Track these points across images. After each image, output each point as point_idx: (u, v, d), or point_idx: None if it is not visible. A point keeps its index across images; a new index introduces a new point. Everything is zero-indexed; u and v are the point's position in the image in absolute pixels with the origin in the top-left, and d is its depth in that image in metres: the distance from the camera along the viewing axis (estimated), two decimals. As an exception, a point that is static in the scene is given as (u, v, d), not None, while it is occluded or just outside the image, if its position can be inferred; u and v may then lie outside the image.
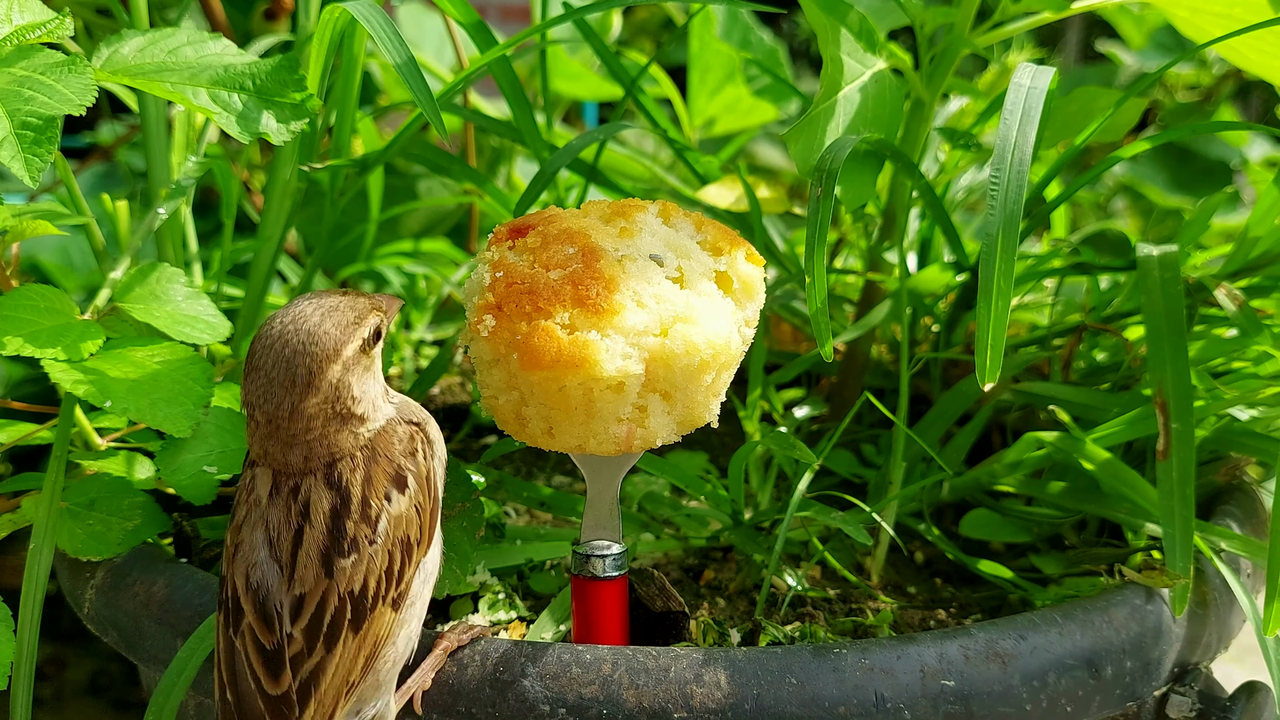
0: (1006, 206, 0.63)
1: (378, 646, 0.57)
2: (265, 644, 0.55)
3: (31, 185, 0.63)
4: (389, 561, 0.56)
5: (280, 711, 0.55)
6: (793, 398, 0.98)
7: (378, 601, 0.56)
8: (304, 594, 0.55)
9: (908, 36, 0.92)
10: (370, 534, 0.56)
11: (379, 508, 0.56)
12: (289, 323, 0.56)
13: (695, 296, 0.61)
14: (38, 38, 0.71)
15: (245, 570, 0.57)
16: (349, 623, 0.55)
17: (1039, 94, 0.67)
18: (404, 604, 0.58)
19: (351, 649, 0.56)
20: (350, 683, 0.56)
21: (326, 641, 0.55)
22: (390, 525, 0.57)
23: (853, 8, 0.80)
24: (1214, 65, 1.93)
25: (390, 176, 1.30)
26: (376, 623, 0.56)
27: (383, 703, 0.59)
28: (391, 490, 0.57)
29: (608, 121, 1.15)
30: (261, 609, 0.56)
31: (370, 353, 0.58)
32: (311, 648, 0.55)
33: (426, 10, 1.56)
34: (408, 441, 0.59)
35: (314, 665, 0.55)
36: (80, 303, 0.76)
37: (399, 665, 0.59)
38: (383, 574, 0.56)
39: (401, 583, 0.57)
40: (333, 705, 0.55)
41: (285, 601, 0.55)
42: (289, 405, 0.56)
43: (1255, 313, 0.80)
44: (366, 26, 0.74)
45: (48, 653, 1.28)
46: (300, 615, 0.55)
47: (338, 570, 0.55)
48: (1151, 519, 0.76)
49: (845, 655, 0.62)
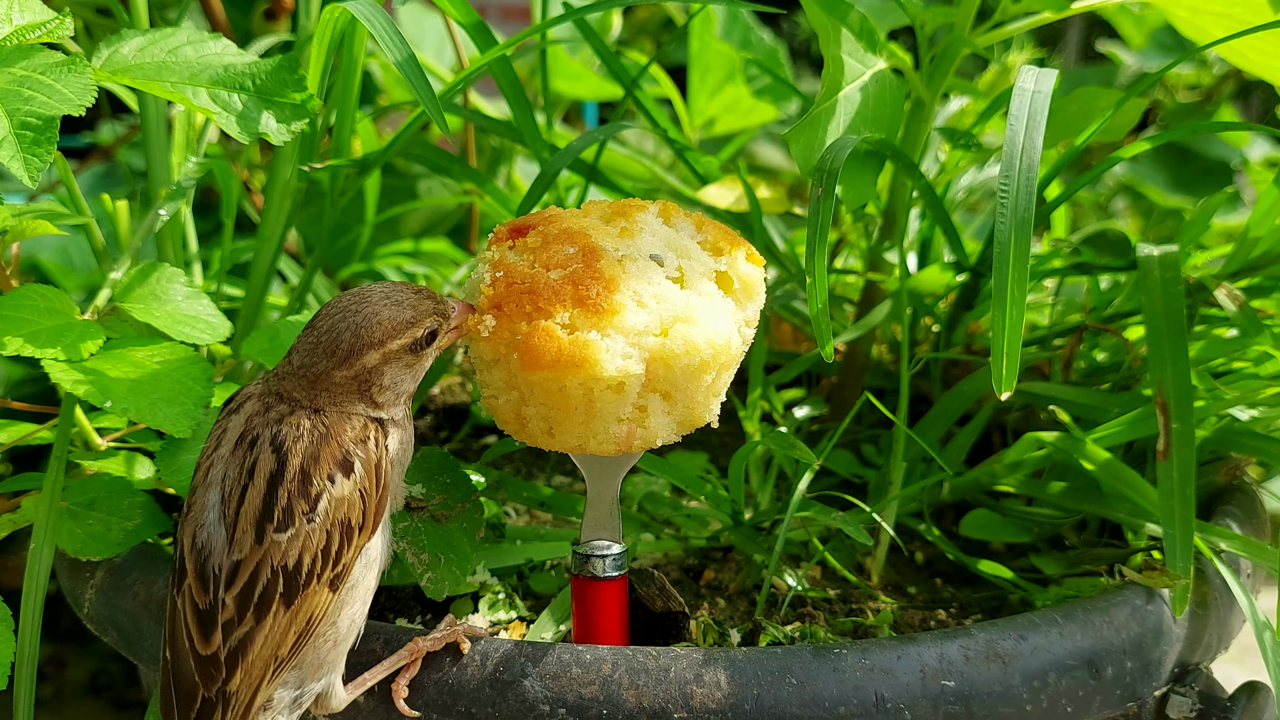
0: (1017, 213, 0.63)
1: (311, 624, 0.58)
2: (200, 604, 0.57)
3: (31, 185, 0.63)
4: (327, 541, 0.57)
5: (209, 672, 0.56)
6: (793, 398, 0.98)
7: (312, 579, 0.57)
8: (240, 560, 0.57)
9: (908, 36, 0.92)
10: (309, 511, 0.57)
11: (321, 487, 0.58)
12: (356, 300, 0.60)
13: (695, 296, 0.61)
14: (37, 37, 0.71)
15: (193, 530, 0.58)
16: (280, 596, 0.56)
17: (1043, 98, 0.67)
18: (343, 585, 0.59)
19: (282, 623, 0.57)
20: (279, 657, 0.57)
21: (257, 612, 0.56)
22: (331, 506, 0.58)
23: (853, 8, 0.80)
24: (1214, 65, 1.93)
25: (391, 176, 1.30)
26: (310, 600, 0.57)
27: (325, 682, 0.60)
28: (336, 472, 0.58)
29: (608, 121, 1.15)
30: (201, 570, 0.57)
31: (420, 354, 0.61)
32: (242, 616, 0.56)
33: (426, 10, 1.56)
34: (360, 429, 0.60)
35: (243, 634, 0.56)
36: (80, 303, 0.76)
37: (342, 646, 0.60)
38: (319, 553, 0.57)
39: (339, 564, 0.58)
40: (259, 677, 0.57)
41: (224, 565, 0.57)
42: (322, 368, 0.60)
43: (1255, 313, 0.80)
44: (367, 26, 0.74)
45: (48, 653, 1.28)
46: (234, 582, 0.57)
47: (271, 540, 0.56)
48: (1152, 519, 0.76)
49: (845, 655, 0.62)
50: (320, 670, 0.60)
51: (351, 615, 0.60)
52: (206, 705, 0.56)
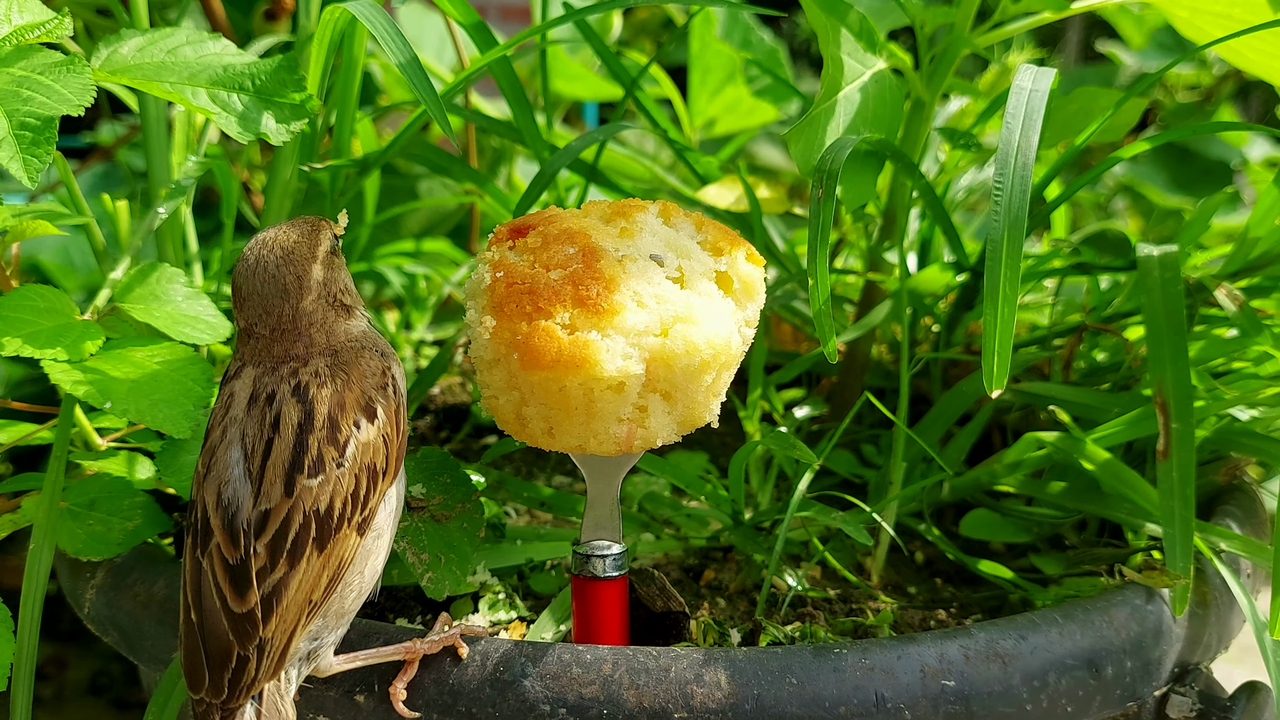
0: (1011, 212, 0.63)
1: (341, 568, 0.58)
2: (230, 559, 0.57)
3: (30, 186, 0.63)
4: (355, 485, 0.58)
5: (244, 630, 0.56)
6: (793, 398, 0.98)
7: (343, 523, 0.58)
8: (269, 510, 0.57)
9: (908, 36, 0.92)
10: (338, 457, 0.58)
11: (348, 433, 0.59)
12: (260, 250, 0.62)
13: (695, 296, 0.61)
14: (37, 38, 0.71)
15: (217, 488, 0.58)
16: (313, 541, 0.57)
17: (1040, 97, 0.67)
18: (369, 531, 0.60)
19: (316, 566, 0.57)
20: (313, 601, 0.57)
21: (290, 557, 0.57)
22: (358, 451, 0.59)
23: (853, 8, 0.80)
24: (1214, 65, 1.93)
25: (391, 176, 1.30)
26: (341, 544, 0.58)
27: (337, 635, 0.61)
28: (361, 419, 0.59)
29: (608, 122, 1.15)
30: (229, 526, 0.57)
31: (338, 255, 0.64)
32: (275, 563, 0.57)
33: (427, 10, 1.56)
34: (380, 376, 0.62)
35: (277, 580, 0.56)
36: (80, 303, 0.76)
37: (362, 598, 0.61)
38: (349, 497, 0.58)
39: (366, 508, 0.59)
40: (294, 622, 0.57)
41: (252, 518, 0.57)
42: (290, 310, 0.61)
43: (1255, 313, 0.80)
44: (368, 26, 0.74)
45: (48, 653, 1.28)
46: (265, 531, 0.57)
47: (303, 487, 0.57)
48: (1152, 519, 0.76)
49: (845, 655, 0.62)
50: (341, 621, 0.60)
51: (375, 566, 0.61)
52: (241, 661, 0.56)
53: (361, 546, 0.59)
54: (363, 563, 0.60)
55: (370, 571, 0.61)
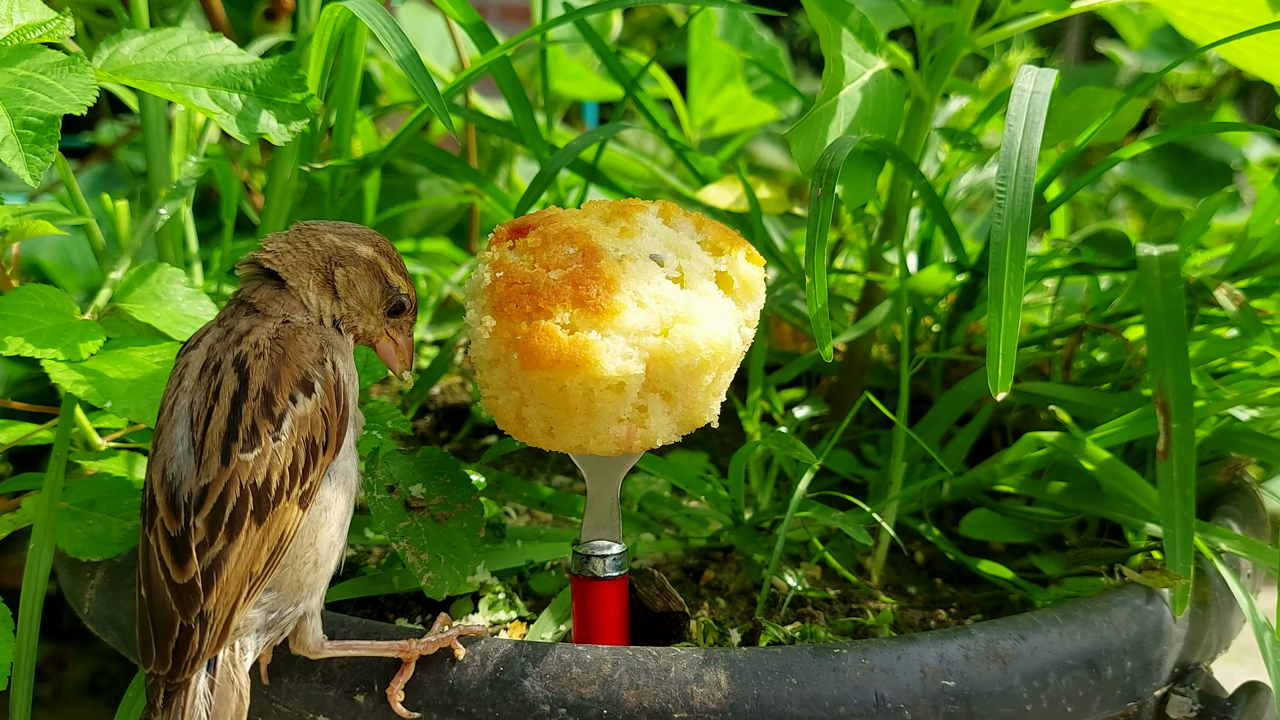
0: (1014, 214, 0.63)
1: (284, 541, 0.59)
2: (171, 531, 0.57)
3: (32, 185, 0.63)
4: (294, 459, 0.59)
5: (187, 600, 0.57)
6: (793, 398, 0.99)
7: (282, 496, 0.58)
8: (208, 484, 0.57)
9: (908, 36, 0.92)
10: (274, 430, 0.58)
11: (284, 406, 0.59)
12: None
13: (695, 296, 0.61)
14: (38, 37, 0.71)
15: (162, 465, 0.59)
16: (252, 514, 0.57)
17: (1042, 99, 0.67)
18: (312, 503, 0.60)
19: (255, 539, 0.57)
20: (254, 574, 0.58)
21: (229, 530, 0.57)
22: (295, 425, 0.59)
23: (853, 8, 0.80)
24: (1214, 65, 1.93)
25: (391, 176, 1.30)
26: (281, 517, 0.58)
27: (303, 607, 0.61)
28: (298, 393, 0.60)
29: (608, 121, 1.15)
30: (172, 501, 0.58)
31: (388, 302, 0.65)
32: (214, 536, 0.57)
33: (426, 10, 1.56)
34: (318, 352, 0.62)
35: (216, 553, 0.57)
36: (80, 303, 0.76)
37: (324, 570, 0.61)
38: (286, 470, 0.58)
39: (306, 481, 0.59)
40: (236, 594, 0.57)
41: (194, 491, 0.58)
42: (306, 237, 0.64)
43: (1255, 313, 0.80)
44: (369, 24, 0.74)
45: (48, 653, 1.28)
46: (204, 505, 0.57)
47: (239, 461, 0.57)
48: (1152, 519, 0.76)
49: (845, 655, 0.62)
50: (299, 593, 0.60)
51: (330, 538, 0.61)
52: (185, 632, 0.57)
53: (308, 518, 0.60)
54: (312, 534, 0.60)
55: (325, 542, 0.61)
